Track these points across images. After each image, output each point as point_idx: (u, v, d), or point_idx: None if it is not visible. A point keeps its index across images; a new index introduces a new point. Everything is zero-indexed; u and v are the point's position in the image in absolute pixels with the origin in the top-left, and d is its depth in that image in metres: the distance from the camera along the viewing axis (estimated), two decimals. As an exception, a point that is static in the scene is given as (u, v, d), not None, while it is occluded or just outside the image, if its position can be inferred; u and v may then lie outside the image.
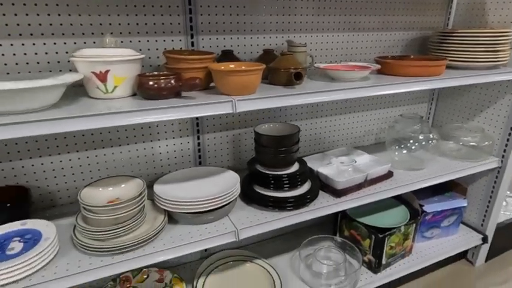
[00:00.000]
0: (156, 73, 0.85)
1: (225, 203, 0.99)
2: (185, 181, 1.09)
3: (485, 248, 1.61)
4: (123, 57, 0.81)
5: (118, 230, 0.87)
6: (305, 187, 1.14)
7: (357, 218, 1.37)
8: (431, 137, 1.34)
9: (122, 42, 1.02)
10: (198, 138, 1.23)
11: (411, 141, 1.35)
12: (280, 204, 1.06)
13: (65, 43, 0.96)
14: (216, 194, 0.97)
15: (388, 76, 1.16)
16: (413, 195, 1.46)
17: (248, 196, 1.10)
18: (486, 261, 1.66)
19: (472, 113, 1.56)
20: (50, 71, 0.96)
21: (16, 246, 0.82)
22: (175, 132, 1.19)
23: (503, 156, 1.45)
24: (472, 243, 1.56)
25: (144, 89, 0.82)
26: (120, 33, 1.01)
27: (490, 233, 1.59)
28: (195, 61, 0.89)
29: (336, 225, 1.48)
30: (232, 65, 0.90)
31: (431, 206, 1.46)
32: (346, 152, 1.41)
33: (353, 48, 1.40)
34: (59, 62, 0.97)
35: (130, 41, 1.03)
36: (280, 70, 0.98)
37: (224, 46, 1.16)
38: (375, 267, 1.34)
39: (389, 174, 1.28)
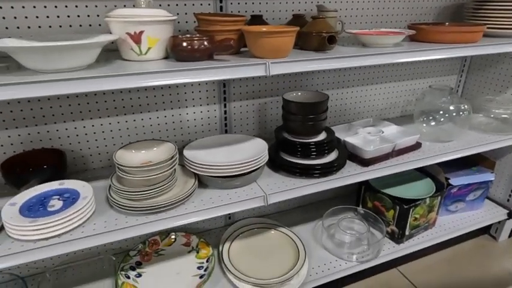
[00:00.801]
0: (188, 35, 0.84)
1: (254, 169, 1.00)
2: (214, 147, 1.10)
3: (510, 223, 1.59)
4: (158, 18, 0.80)
5: (151, 191, 0.89)
6: (332, 155, 1.14)
7: (381, 189, 1.36)
8: (462, 108, 1.30)
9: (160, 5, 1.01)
10: (225, 106, 1.23)
11: (441, 112, 1.32)
12: (307, 172, 1.06)
13: (96, 6, 0.96)
14: (245, 160, 0.98)
15: (421, 43, 1.12)
16: (439, 168, 1.44)
17: (275, 163, 1.11)
18: (510, 236, 1.64)
19: (505, 85, 1.50)
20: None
21: (56, 203, 0.85)
22: (203, 99, 1.19)
23: (535, 130, 1.40)
24: (496, 218, 1.55)
25: (178, 50, 0.81)
26: (150, -4, 1.00)
27: (516, 208, 1.57)
28: (228, 23, 0.87)
29: (359, 197, 1.48)
30: (264, 28, 0.88)
31: (457, 180, 1.44)
32: (373, 123, 1.39)
33: (383, 15, 1.35)
34: (90, 25, 0.97)
35: (160, 5, 1.02)
36: (312, 34, 0.95)
37: (252, 11, 1.14)
38: (398, 237, 1.35)
39: (417, 145, 1.26)
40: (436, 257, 1.52)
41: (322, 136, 1.15)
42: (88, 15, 0.96)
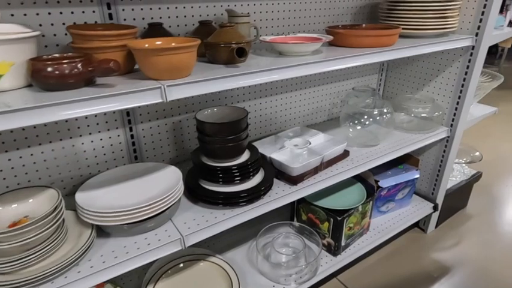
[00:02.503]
0: (57, 55, 0.66)
1: (166, 207, 0.84)
2: (117, 183, 0.92)
3: (436, 214, 1.65)
4: (6, 36, 0.60)
5: (28, 258, 0.69)
6: (258, 177, 1.03)
7: (314, 200, 1.30)
8: (385, 111, 1.28)
9: (12, 15, 0.79)
10: (131, 129, 1.05)
11: (365, 116, 1.28)
12: (231, 200, 0.93)
13: None
14: (155, 198, 0.82)
15: (340, 48, 1.06)
16: (369, 172, 1.42)
17: (194, 193, 0.96)
18: (436, 227, 1.71)
19: (422, 82, 1.53)
20: None
21: None
22: (101, 125, 0.99)
23: (451, 126, 1.44)
24: (424, 212, 1.59)
25: (41, 78, 0.62)
26: (9, 3, 0.78)
27: (440, 200, 1.62)
28: (110, 38, 0.70)
29: (293, 210, 1.40)
30: (159, 42, 0.73)
31: (386, 181, 1.43)
32: (300, 133, 1.31)
33: (301, 17, 1.27)
34: None
35: (25, 14, 0.80)
36: (219, 46, 0.82)
37: (152, 18, 0.97)
38: (335, 250, 1.29)
39: (345, 154, 1.20)
40: (372, 258, 1.51)
41: (245, 156, 1.03)
42: None
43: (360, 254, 1.36)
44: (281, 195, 1.00)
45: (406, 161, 1.57)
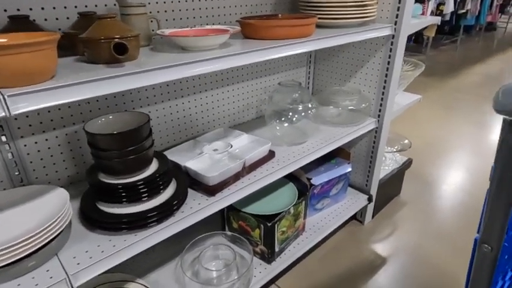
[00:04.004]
0: None
1: (46, 241, 0.69)
2: (-15, 217, 0.74)
3: (371, 205, 1.65)
4: None
5: None
6: (169, 191, 0.90)
7: (243, 206, 1.20)
8: (309, 106, 1.21)
9: None
10: (9, 147, 0.86)
11: (290, 113, 1.21)
12: (138, 223, 0.80)
13: None
14: (33, 230, 0.66)
15: (254, 40, 0.96)
16: (300, 170, 1.36)
17: (91, 219, 0.81)
18: (373, 217, 1.71)
19: (349, 74, 1.49)
20: None
21: None
22: (-37, 144, 0.80)
23: (379, 116, 1.43)
24: (360, 205, 1.57)
25: None
26: None
27: (374, 191, 1.61)
28: None
29: (223, 218, 1.30)
30: (3, 39, 0.57)
31: (318, 178, 1.38)
32: (223, 135, 1.21)
33: (214, 8, 1.15)
34: None
35: None
36: (96, 42, 0.68)
37: (18, 10, 0.79)
38: (269, 257, 1.21)
39: (270, 155, 1.12)
40: (312, 258, 1.46)
41: (153, 167, 0.90)
42: None
43: (297, 257, 1.29)
44: (196, 210, 0.88)
45: (338, 154, 1.53)
